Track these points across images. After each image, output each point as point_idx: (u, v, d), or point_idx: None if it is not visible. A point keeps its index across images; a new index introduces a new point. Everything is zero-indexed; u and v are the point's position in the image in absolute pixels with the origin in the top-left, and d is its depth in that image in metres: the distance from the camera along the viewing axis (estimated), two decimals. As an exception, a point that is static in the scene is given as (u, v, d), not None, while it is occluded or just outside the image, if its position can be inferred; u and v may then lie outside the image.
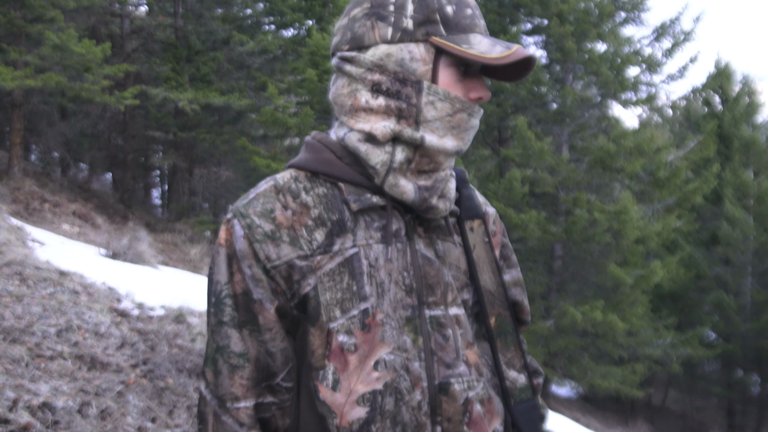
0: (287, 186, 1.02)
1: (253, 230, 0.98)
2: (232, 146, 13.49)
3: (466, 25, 0.99)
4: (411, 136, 0.98)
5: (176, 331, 4.14)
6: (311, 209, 1.00)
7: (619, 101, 13.46)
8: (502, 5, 14.40)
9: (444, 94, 0.98)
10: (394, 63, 0.98)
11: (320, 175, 1.02)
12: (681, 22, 13.41)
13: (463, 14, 0.99)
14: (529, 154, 12.23)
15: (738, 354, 16.79)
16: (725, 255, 16.84)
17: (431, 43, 0.98)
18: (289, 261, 0.98)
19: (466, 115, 1.00)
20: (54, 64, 9.71)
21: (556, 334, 12.09)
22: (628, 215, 11.49)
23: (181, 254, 10.38)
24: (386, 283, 0.99)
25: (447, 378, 0.99)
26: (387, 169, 0.99)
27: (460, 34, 0.98)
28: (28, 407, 2.67)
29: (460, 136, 1.00)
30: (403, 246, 1.01)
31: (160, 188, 22.49)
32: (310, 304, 0.98)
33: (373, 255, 0.99)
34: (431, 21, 0.97)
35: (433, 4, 0.98)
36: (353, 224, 1.00)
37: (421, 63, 0.98)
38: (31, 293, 4.12)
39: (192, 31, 13.97)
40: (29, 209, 9.09)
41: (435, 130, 0.99)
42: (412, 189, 0.99)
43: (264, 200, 1.00)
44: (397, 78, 0.98)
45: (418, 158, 1.00)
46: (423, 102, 0.98)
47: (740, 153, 17.10)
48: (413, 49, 0.98)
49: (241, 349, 0.98)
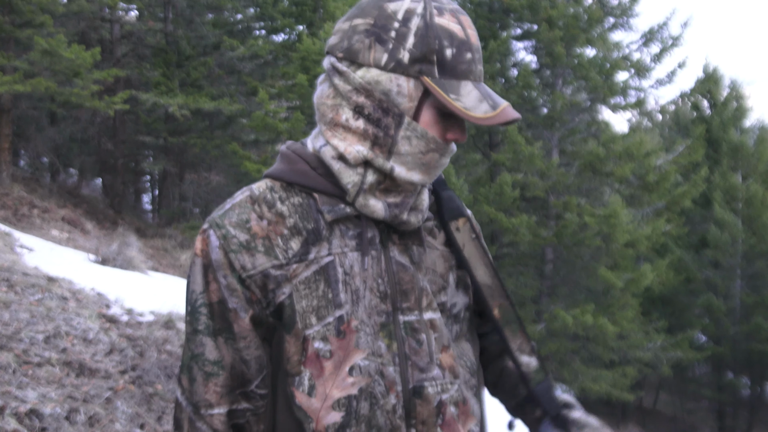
0: (263, 196, 1.03)
1: (228, 240, 1.00)
2: (223, 151, 13.46)
3: (461, 72, 0.98)
4: (381, 166, 1.01)
5: (166, 336, 4.12)
6: (286, 218, 1.02)
7: (609, 106, 13.54)
8: (492, 11, 14.47)
9: (421, 132, 0.99)
10: (381, 91, 0.98)
11: (295, 185, 1.04)
12: (669, 27, 13.53)
13: (462, 59, 0.98)
14: (520, 159, 12.28)
15: (728, 356, 16.88)
16: (714, 258, 16.95)
17: (422, 82, 0.98)
18: (264, 270, 0.99)
19: (437, 155, 1.02)
20: (43, 69, 9.67)
21: (547, 337, 12.12)
22: (617, 219, 11.55)
23: (172, 259, 10.34)
24: (361, 290, 1.00)
25: (421, 382, 1.01)
26: (357, 190, 1.01)
27: (453, 80, 0.97)
28: (15, 414, 2.66)
29: (428, 172, 1.02)
30: (378, 253, 1.03)
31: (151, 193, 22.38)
32: (286, 312, 0.99)
33: (348, 263, 1.01)
34: (427, 60, 0.97)
35: (434, 44, 0.96)
36: (328, 233, 1.02)
37: (407, 98, 0.98)
38: (18, 299, 4.09)
39: (182, 36, 13.94)
40: (18, 215, 9.03)
41: (405, 163, 1.01)
42: (382, 207, 1.01)
43: (239, 211, 1.02)
44: (380, 106, 0.99)
45: (388, 182, 1.03)
46: (400, 135, 0.99)
47: (729, 157, 17.24)
48: (402, 83, 0.97)
49: (215, 357, 1.01)
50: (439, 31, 0.97)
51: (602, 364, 13.40)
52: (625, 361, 13.32)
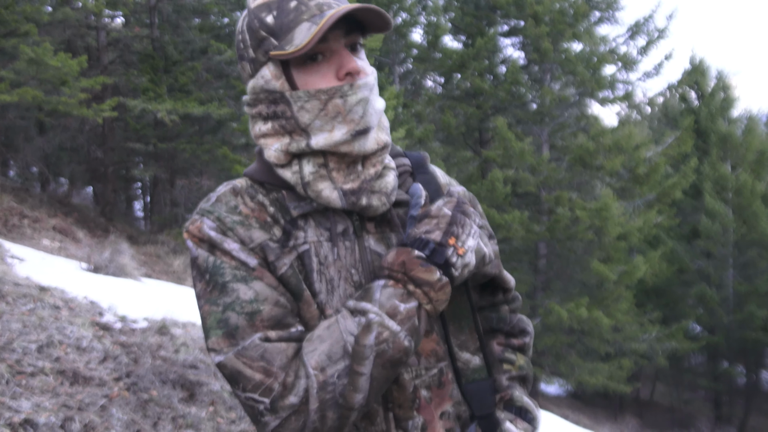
0: (244, 189, 1.07)
1: (223, 221, 1.01)
2: (214, 156, 13.41)
3: (289, 23, 1.00)
4: (298, 147, 1.03)
5: (160, 342, 4.11)
6: (267, 207, 1.05)
7: (597, 100, 13.60)
8: (478, 7, 14.51)
9: (305, 93, 1.01)
10: (260, 91, 1.04)
11: (266, 183, 1.07)
12: (655, 19, 13.60)
13: (285, 14, 1.00)
14: (510, 155, 12.32)
15: (723, 346, 16.99)
16: (706, 248, 17.05)
17: (271, 58, 1.02)
18: (262, 243, 1.01)
19: (338, 100, 1.00)
20: (30, 78, 9.61)
21: (543, 332, 12.16)
22: (609, 212, 11.60)
23: (165, 266, 10.30)
24: (336, 280, 1.02)
25: None
26: (302, 185, 1.03)
27: (288, 35, 1.00)
28: (10, 425, 2.65)
29: (348, 119, 1.01)
30: (352, 244, 1.05)
31: (142, 200, 22.31)
32: (291, 282, 1.01)
33: (323, 252, 1.03)
34: (261, 39, 1.02)
35: (255, 24, 1.02)
36: (303, 223, 1.04)
37: (274, 80, 1.02)
38: (10, 310, 4.07)
39: (169, 42, 13.89)
40: (8, 225, 8.98)
41: (320, 128, 1.02)
42: (336, 196, 1.02)
43: (226, 199, 1.05)
44: (268, 101, 1.04)
45: (335, 160, 1.03)
46: (295, 110, 1.02)
47: (717, 147, 17.34)
48: (264, 72, 1.03)
49: (251, 296, 0.97)
50: (256, 12, 1.03)
51: (598, 356, 13.46)
52: (621, 353, 13.39)
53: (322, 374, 0.93)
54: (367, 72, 1.04)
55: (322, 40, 1.00)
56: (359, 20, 1.02)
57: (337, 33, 1.01)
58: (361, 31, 1.04)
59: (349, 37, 1.03)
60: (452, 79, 15.73)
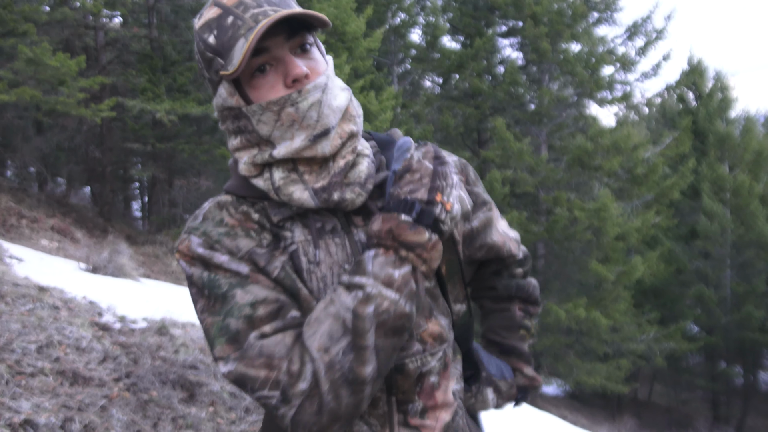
0: (228, 202, 1.07)
1: (209, 235, 1.02)
2: (212, 156, 13.40)
3: (229, 39, 1.00)
4: (262, 158, 1.04)
5: (159, 343, 4.11)
6: (252, 215, 1.05)
7: (595, 100, 13.62)
8: (477, 8, 14.52)
9: (258, 107, 1.01)
10: (222, 108, 1.06)
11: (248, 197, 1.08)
12: (653, 20, 13.63)
13: (224, 32, 1.00)
14: (509, 155, 12.33)
15: (720, 346, 17.02)
16: (704, 249, 17.08)
17: (222, 77, 1.03)
18: (250, 250, 1.01)
19: (290, 108, 1.00)
20: (28, 78, 9.60)
21: (541, 332, 12.17)
22: (607, 212, 11.62)
23: (163, 266, 10.29)
24: (328, 277, 1.02)
25: (401, 360, 1.04)
26: (274, 190, 1.04)
27: (229, 53, 1.00)
28: (10, 425, 2.64)
29: (304, 125, 1.00)
30: (342, 240, 1.05)
31: (140, 200, 22.28)
32: (286, 284, 1.01)
33: (311, 252, 1.03)
34: (209, 60, 1.03)
35: (201, 46, 1.03)
36: (291, 224, 1.05)
37: (230, 97, 1.03)
38: (9, 310, 4.06)
39: (167, 42, 13.88)
40: (6, 226, 8.96)
41: (281, 137, 1.02)
42: (308, 196, 1.02)
43: (212, 215, 1.05)
44: (231, 116, 1.05)
45: (304, 164, 1.04)
46: (254, 123, 1.03)
47: (715, 148, 17.37)
48: (221, 91, 1.04)
49: (248, 299, 0.97)
50: (200, 33, 1.03)
51: (596, 357, 13.47)
52: (619, 353, 13.40)
53: (327, 354, 0.92)
54: (318, 71, 1.02)
55: (263, 51, 0.99)
56: (300, 20, 1.01)
57: (278, 40, 1.00)
58: (306, 28, 1.03)
59: (294, 40, 1.02)
60: (451, 79, 15.74)
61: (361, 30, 10.15)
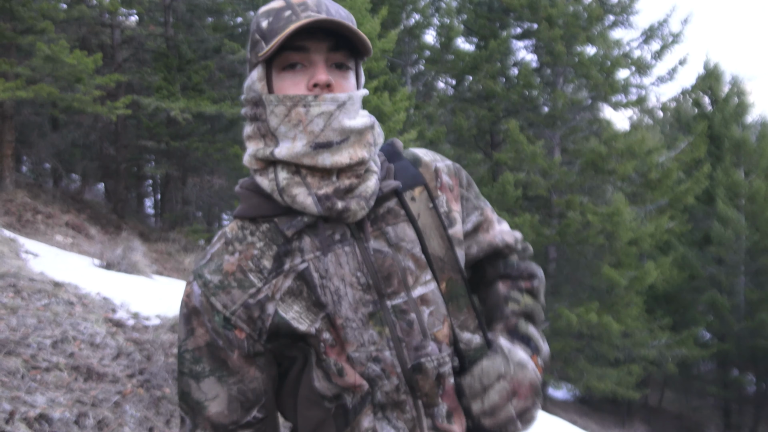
0: (235, 236, 1.09)
1: (207, 287, 1.07)
2: (225, 154, 13.46)
3: (279, 28, 1.01)
4: (264, 154, 1.05)
5: (172, 340, 4.13)
6: (256, 243, 1.07)
7: (610, 103, 13.54)
8: (492, 10, 14.48)
9: (276, 98, 1.03)
10: (247, 91, 1.07)
11: (257, 218, 1.09)
12: (669, 24, 13.53)
13: (278, 20, 1.02)
14: (522, 158, 12.29)
15: (733, 353, 16.85)
16: (718, 255, 16.92)
17: (260, 61, 1.04)
18: (244, 302, 1.06)
19: (302, 108, 1.01)
20: (45, 75, 9.69)
21: (552, 336, 12.11)
22: (620, 217, 11.55)
23: (175, 263, 10.35)
24: (341, 289, 1.05)
25: (418, 359, 1.06)
26: (278, 191, 1.05)
27: (272, 40, 1.01)
28: (25, 419, 2.67)
29: (308, 130, 1.01)
30: (352, 248, 1.06)
31: (153, 198, 22.42)
32: (282, 328, 1.05)
33: (322, 266, 1.05)
34: (255, 43, 1.05)
35: (254, 27, 1.06)
36: (299, 243, 1.06)
37: (258, 81, 1.05)
38: (25, 305, 4.10)
39: (183, 41, 13.96)
40: (22, 221, 9.05)
41: (285, 135, 1.03)
42: (311, 202, 1.03)
43: (217, 259, 1.09)
44: (252, 102, 1.07)
45: (306, 172, 1.04)
46: (268, 113, 1.04)
47: (731, 153, 17.21)
48: (253, 74, 1.06)
49: (198, 397, 1.07)
50: (258, 16, 1.06)
51: (607, 362, 13.39)
52: (630, 359, 13.31)
53: None
54: (343, 89, 1.04)
55: (301, 50, 1.02)
56: (349, 40, 1.03)
57: (320, 45, 1.02)
58: (351, 51, 1.05)
59: (335, 54, 1.03)
60: (464, 81, 15.72)
61: (375, 31, 10.15)
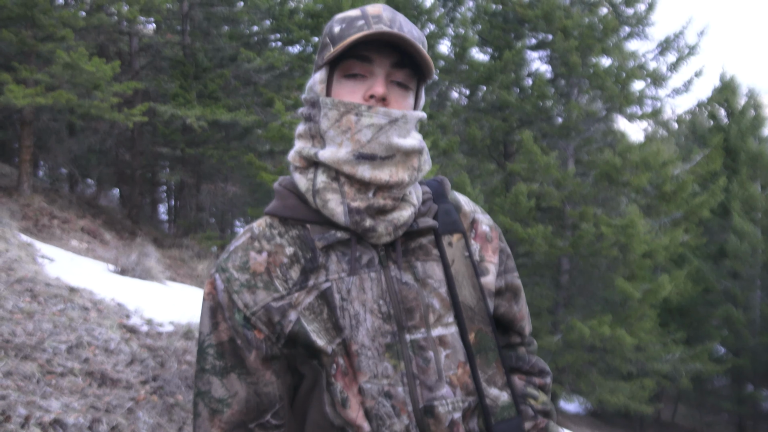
0: (263, 233, 1.08)
1: (231, 283, 1.05)
2: (239, 162, 13.55)
3: (350, 35, 1.02)
4: (308, 153, 1.06)
5: (185, 347, 4.15)
6: (285, 248, 1.06)
7: (625, 115, 13.47)
8: (506, 21, 14.49)
9: (332, 102, 1.04)
10: (308, 91, 1.09)
11: (289, 219, 1.08)
12: (685, 36, 13.46)
13: (350, 28, 1.04)
14: (535, 169, 12.24)
15: (748, 368, 16.62)
16: (733, 269, 16.73)
17: (326, 64, 1.06)
18: (266, 305, 1.04)
19: (353, 116, 1.02)
20: (64, 81, 9.81)
21: (564, 349, 12.02)
22: (634, 229, 11.46)
23: (189, 270, 10.40)
24: (361, 314, 1.02)
25: (431, 401, 1.02)
26: (312, 192, 1.05)
27: (340, 44, 1.03)
28: (40, 424, 2.69)
29: (355, 138, 1.02)
30: (378, 275, 1.04)
31: (168, 204, 22.59)
32: (300, 337, 1.03)
33: (345, 288, 1.03)
34: (324, 45, 1.07)
35: (326, 30, 1.07)
36: (325, 260, 1.04)
37: (319, 84, 1.06)
38: (41, 310, 4.14)
39: (199, 49, 14.10)
40: (38, 225, 9.15)
41: (333, 139, 1.04)
42: (341, 211, 1.03)
43: (242, 253, 1.07)
44: (310, 103, 1.08)
45: (344, 180, 1.04)
46: (321, 116, 1.05)
47: (747, 166, 17.05)
48: (316, 75, 1.07)
49: (221, 395, 1.05)
50: (333, 22, 1.07)
51: (620, 375, 13.25)
52: (643, 372, 13.17)
53: None
54: (399, 106, 1.04)
55: (365, 60, 1.02)
56: (413, 59, 1.03)
57: (384, 60, 1.03)
58: (414, 72, 1.06)
59: (398, 72, 1.04)
60: (478, 91, 15.71)
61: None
